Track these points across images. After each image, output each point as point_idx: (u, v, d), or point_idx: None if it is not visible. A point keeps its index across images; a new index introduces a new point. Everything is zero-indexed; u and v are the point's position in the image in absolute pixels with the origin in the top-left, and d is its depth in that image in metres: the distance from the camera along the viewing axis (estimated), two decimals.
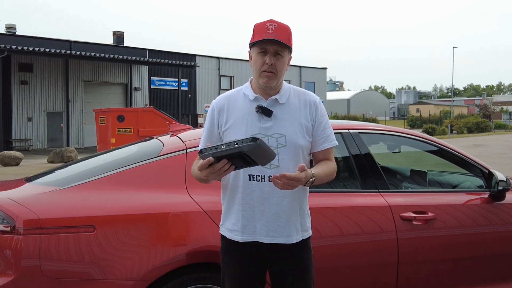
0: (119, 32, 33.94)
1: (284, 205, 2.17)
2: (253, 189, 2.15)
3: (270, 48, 2.14)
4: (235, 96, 2.27)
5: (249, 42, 2.22)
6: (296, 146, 2.17)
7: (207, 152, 1.90)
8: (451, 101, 67.71)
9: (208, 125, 2.28)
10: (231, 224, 2.23)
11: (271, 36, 2.12)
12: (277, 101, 2.21)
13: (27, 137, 27.30)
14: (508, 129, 49.35)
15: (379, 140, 3.82)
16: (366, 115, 56.84)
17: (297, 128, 2.20)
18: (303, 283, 2.23)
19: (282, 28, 2.15)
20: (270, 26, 2.14)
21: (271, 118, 2.18)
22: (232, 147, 1.86)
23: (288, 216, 2.18)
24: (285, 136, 2.17)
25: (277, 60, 2.15)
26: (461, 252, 3.29)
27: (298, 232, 2.21)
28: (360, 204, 3.13)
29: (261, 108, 2.18)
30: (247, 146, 1.84)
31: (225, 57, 38.14)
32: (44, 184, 3.09)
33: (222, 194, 2.30)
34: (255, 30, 2.18)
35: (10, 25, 29.57)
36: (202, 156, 1.91)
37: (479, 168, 3.62)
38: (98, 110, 19.53)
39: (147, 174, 2.93)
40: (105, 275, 2.60)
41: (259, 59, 2.16)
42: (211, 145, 1.96)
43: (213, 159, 1.88)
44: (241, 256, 2.21)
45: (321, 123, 2.26)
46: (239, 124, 2.19)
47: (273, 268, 2.24)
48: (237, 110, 2.22)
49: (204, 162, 1.89)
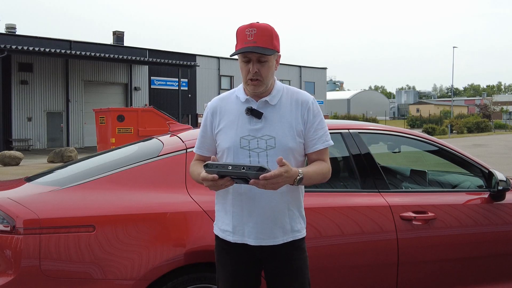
0: (119, 32, 33.94)
1: (273, 206, 2.16)
2: (243, 190, 2.15)
3: (252, 56, 2.12)
4: (228, 98, 2.28)
5: (234, 49, 2.19)
6: (286, 148, 2.15)
7: (213, 168, 1.96)
8: (451, 101, 67.74)
9: (202, 126, 2.32)
10: (224, 224, 2.24)
11: (251, 44, 2.08)
12: (268, 102, 2.19)
13: (27, 137, 27.31)
14: (508, 129, 49.36)
15: (379, 140, 3.82)
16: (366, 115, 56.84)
17: (287, 130, 2.17)
18: (296, 284, 2.21)
19: (262, 32, 2.10)
20: (250, 32, 2.09)
21: (261, 120, 2.17)
22: (239, 171, 1.92)
23: (275, 218, 2.16)
24: (274, 138, 2.15)
25: (261, 67, 2.13)
26: (461, 252, 3.29)
27: (287, 233, 2.19)
28: (360, 204, 3.13)
29: (251, 110, 2.17)
30: (253, 174, 1.90)
31: (225, 57, 38.12)
32: (44, 184, 3.08)
33: (216, 194, 2.31)
34: (237, 36, 2.15)
35: (10, 25, 29.57)
36: (208, 171, 1.97)
37: (479, 168, 3.62)
38: (98, 110, 19.52)
39: (147, 174, 2.93)
40: (105, 275, 2.60)
41: (244, 67, 2.15)
42: (217, 162, 2.00)
43: (217, 177, 1.95)
44: (234, 256, 2.22)
45: (314, 123, 2.21)
46: (230, 126, 2.20)
47: (265, 268, 2.25)
48: (229, 113, 2.23)
49: (209, 177, 1.96)
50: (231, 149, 2.16)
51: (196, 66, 31.17)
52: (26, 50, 23.78)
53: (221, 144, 2.21)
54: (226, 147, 2.18)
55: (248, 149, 2.14)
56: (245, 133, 2.16)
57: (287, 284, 2.21)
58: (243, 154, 2.14)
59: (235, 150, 2.15)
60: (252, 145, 2.15)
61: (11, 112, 26.47)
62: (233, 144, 2.16)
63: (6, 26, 29.39)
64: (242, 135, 2.16)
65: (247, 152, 2.14)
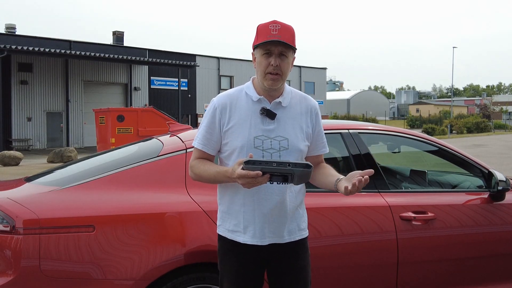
0: (119, 32, 33.93)
1: (284, 206, 2.18)
2: (254, 191, 2.14)
3: (275, 50, 2.12)
4: (238, 96, 2.24)
5: (252, 43, 2.20)
6: (298, 149, 2.18)
7: (256, 165, 1.90)
8: (451, 101, 67.80)
9: (208, 123, 2.22)
10: (232, 225, 2.22)
11: (275, 37, 2.10)
12: (280, 104, 2.20)
13: (27, 137, 27.30)
14: (508, 129, 49.38)
15: (379, 140, 3.82)
16: (366, 115, 56.86)
17: (299, 132, 2.21)
18: (300, 282, 2.24)
19: (286, 28, 2.14)
20: (274, 27, 2.12)
21: (274, 121, 2.18)
22: (284, 167, 1.90)
23: (286, 218, 2.19)
24: (287, 139, 2.17)
25: (282, 61, 2.14)
26: (461, 252, 3.29)
27: (295, 233, 2.22)
28: (360, 204, 3.13)
29: (266, 111, 2.17)
30: (300, 171, 1.90)
31: (225, 57, 38.15)
32: (44, 184, 3.08)
33: (219, 194, 2.29)
34: (259, 31, 2.16)
35: (10, 25, 29.56)
36: (249, 167, 1.90)
37: (478, 168, 3.62)
38: (98, 110, 19.52)
39: (147, 174, 2.93)
40: (104, 275, 2.60)
41: (264, 60, 2.14)
42: (256, 158, 1.95)
43: (261, 173, 1.89)
44: (241, 257, 2.21)
45: (320, 129, 2.32)
46: (242, 124, 2.17)
47: (271, 268, 2.25)
48: (240, 110, 2.20)
49: (252, 173, 1.89)
50: (244, 148, 2.14)
51: (196, 66, 31.17)
52: (26, 50, 23.78)
53: (232, 143, 2.17)
54: (238, 146, 2.15)
55: (262, 149, 2.14)
56: (258, 133, 2.16)
57: (291, 283, 2.23)
58: (256, 154, 2.11)
59: (248, 150, 2.12)
60: (265, 146, 2.15)
61: (11, 112, 26.46)
62: (247, 143, 2.14)
63: (6, 26, 29.38)
64: (256, 135, 2.15)
65: (261, 152, 2.14)
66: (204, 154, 2.23)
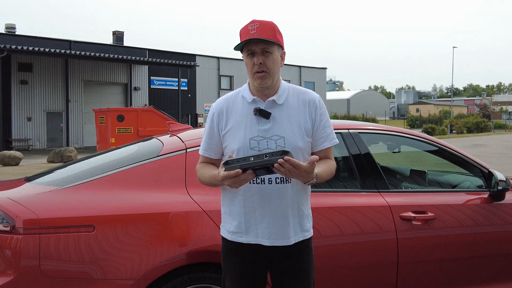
0: (119, 32, 33.92)
1: (285, 206, 2.17)
2: (253, 192, 2.15)
3: (256, 48, 2.13)
4: (234, 99, 2.26)
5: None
6: (295, 147, 2.15)
7: (234, 164, 1.92)
8: (451, 101, 67.82)
9: (208, 128, 2.28)
10: (233, 226, 2.22)
11: (254, 36, 2.11)
12: (275, 102, 2.19)
13: (26, 137, 27.30)
14: (508, 129, 49.36)
15: (379, 140, 3.82)
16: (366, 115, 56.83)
17: (296, 129, 2.18)
18: (303, 283, 2.23)
19: (264, 25, 2.13)
20: (253, 27, 2.13)
21: (270, 120, 2.17)
22: (262, 160, 1.90)
23: (287, 218, 2.18)
24: (284, 137, 2.16)
25: (266, 58, 2.14)
26: (461, 252, 3.29)
27: (297, 233, 2.21)
28: (360, 204, 3.13)
29: (259, 111, 2.17)
30: (278, 159, 1.88)
31: (225, 57, 38.12)
32: (43, 184, 3.08)
33: (221, 195, 2.30)
34: (240, 34, 2.18)
35: (10, 24, 29.55)
36: (229, 167, 1.92)
37: (478, 168, 3.62)
38: (98, 110, 19.52)
39: (147, 174, 2.92)
40: (104, 275, 2.60)
41: (249, 61, 2.16)
42: (235, 156, 1.97)
43: (241, 171, 1.90)
44: (243, 257, 2.21)
45: (321, 121, 2.23)
46: (238, 127, 2.18)
47: (273, 268, 2.25)
48: (236, 113, 2.21)
49: (232, 173, 1.91)
50: (240, 150, 2.14)
51: (196, 66, 31.15)
52: (26, 50, 23.77)
53: (230, 146, 2.19)
54: (235, 148, 2.16)
55: (258, 150, 2.14)
56: (254, 134, 2.16)
57: (294, 284, 2.22)
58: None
59: (245, 152, 2.13)
60: (261, 146, 2.14)
61: (10, 112, 26.46)
62: (242, 145, 2.15)
63: (6, 26, 29.37)
64: (251, 136, 2.15)
65: (257, 153, 2.13)
66: (206, 159, 2.29)
